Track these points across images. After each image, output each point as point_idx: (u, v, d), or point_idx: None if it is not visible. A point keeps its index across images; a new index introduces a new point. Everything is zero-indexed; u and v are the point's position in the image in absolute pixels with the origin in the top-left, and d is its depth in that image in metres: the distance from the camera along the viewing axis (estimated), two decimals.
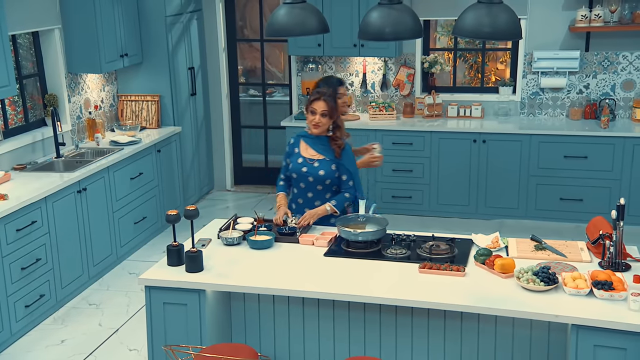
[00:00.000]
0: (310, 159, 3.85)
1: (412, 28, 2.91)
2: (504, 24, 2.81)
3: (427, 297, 3.11)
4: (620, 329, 2.82)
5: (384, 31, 2.90)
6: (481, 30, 2.83)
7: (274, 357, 3.52)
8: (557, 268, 3.22)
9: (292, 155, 3.90)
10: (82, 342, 4.32)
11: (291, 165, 3.87)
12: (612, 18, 5.79)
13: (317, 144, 3.86)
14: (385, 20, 2.91)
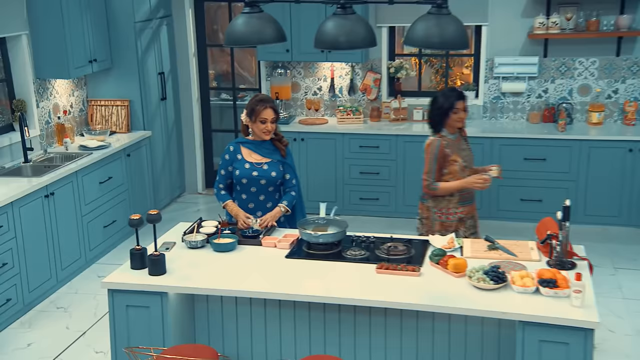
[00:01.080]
0: (257, 163, 3.96)
1: (365, 37, 3.00)
2: (452, 34, 2.90)
3: (384, 297, 3.19)
4: (563, 325, 2.94)
5: (338, 40, 2.98)
6: (430, 41, 2.92)
7: (237, 357, 3.58)
8: (507, 267, 3.33)
9: (235, 162, 3.97)
10: (48, 345, 4.33)
11: (238, 172, 3.94)
12: (568, 25, 5.94)
13: (261, 148, 3.98)
14: (339, 30, 2.99)
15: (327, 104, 6.76)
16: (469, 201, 4.15)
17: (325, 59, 6.41)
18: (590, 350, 2.95)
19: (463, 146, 4.13)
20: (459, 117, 4.00)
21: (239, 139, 4.07)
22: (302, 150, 6.42)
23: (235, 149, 4.00)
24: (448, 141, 4.02)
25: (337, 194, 6.45)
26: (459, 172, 4.02)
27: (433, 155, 4.00)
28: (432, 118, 4.08)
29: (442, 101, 3.98)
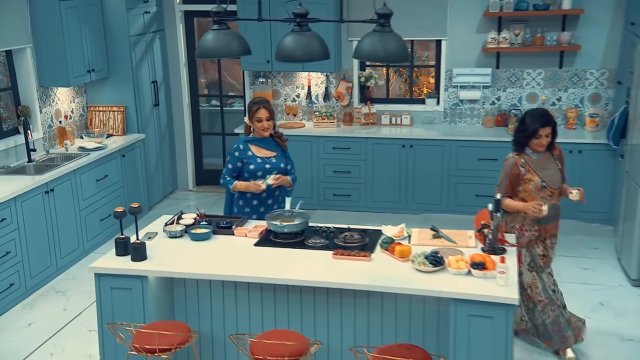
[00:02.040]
0: (267, 157, 4.16)
1: (319, 51, 3.15)
2: (394, 49, 3.06)
3: (339, 279, 3.35)
4: (489, 301, 3.11)
5: (295, 54, 3.14)
6: (376, 55, 3.08)
7: (210, 333, 3.72)
8: (445, 253, 3.49)
9: (247, 158, 4.14)
10: (47, 324, 4.47)
11: (254, 166, 4.12)
12: (516, 40, 6.11)
13: (266, 145, 4.19)
14: (296, 45, 3.15)
15: (304, 109, 6.90)
16: (546, 221, 3.80)
17: (302, 69, 6.55)
18: (510, 323, 3.13)
19: (548, 166, 3.78)
20: (540, 143, 3.69)
21: (246, 138, 4.23)
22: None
23: (245, 147, 4.16)
24: (527, 160, 3.75)
25: (313, 190, 6.59)
26: (534, 191, 3.73)
27: (505, 171, 3.80)
28: (515, 137, 3.79)
29: (528, 123, 3.69)
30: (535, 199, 3.72)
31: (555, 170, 3.79)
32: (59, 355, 4.14)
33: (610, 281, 4.94)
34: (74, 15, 5.65)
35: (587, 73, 6.17)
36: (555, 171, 3.79)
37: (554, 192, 3.79)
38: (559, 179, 3.81)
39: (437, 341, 3.44)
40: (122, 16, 6.12)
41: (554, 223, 3.88)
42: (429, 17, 6.36)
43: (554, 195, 3.80)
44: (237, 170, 4.17)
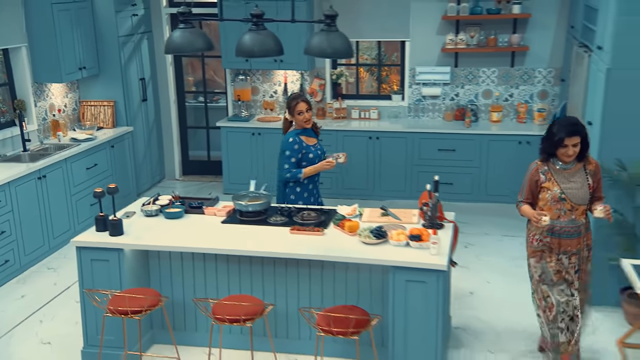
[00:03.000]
0: (315, 145, 4.40)
1: (273, 48, 3.37)
2: (340, 46, 3.29)
3: (295, 251, 3.57)
4: (423, 268, 3.34)
5: (253, 50, 3.35)
6: (323, 51, 3.30)
7: (182, 299, 3.93)
8: (389, 228, 3.72)
9: (304, 148, 4.29)
10: (38, 296, 4.68)
11: (312, 155, 4.32)
12: (472, 42, 6.34)
13: (310, 134, 4.40)
14: (254, 42, 3.36)
15: (281, 104, 7.10)
16: (561, 235, 3.41)
17: (278, 67, 6.74)
18: (442, 287, 3.37)
19: (575, 179, 3.36)
20: (566, 153, 3.31)
21: (295, 131, 4.33)
22: (260, 143, 6.76)
23: (300, 140, 4.30)
24: (551, 168, 3.39)
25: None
26: (550, 201, 3.37)
27: (526, 177, 3.50)
28: (542, 144, 3.43)
29: (554, 132, 3.32)
30: (551, 210, 3.36)
31: (583, 184, 3.35)
32: (48, 322, 4.35)
33: None
34: (66, 17, 5.83)
35: (535, 71, 6.41)
36: (581, 185, 3.35)
37: (576, 207, 3.36)
38: (584, 195, 3.35)
39: (382, 304, 3.67)
40: (111, 18, 6.31)
41: (573, 239, 3.40)
42: (394, 20, 6.58)
43: (576, 210, 3.36)
44: (298, 162, 4.29)
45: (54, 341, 4.11)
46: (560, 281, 3.45)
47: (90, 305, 3.65)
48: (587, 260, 3.53)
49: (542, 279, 3.49)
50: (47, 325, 4.31)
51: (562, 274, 3.45)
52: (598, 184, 3.41)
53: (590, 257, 3.54)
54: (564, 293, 3.44)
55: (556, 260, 3.45)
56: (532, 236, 3.52)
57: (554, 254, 3.45)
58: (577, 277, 3.46)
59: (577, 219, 3.38)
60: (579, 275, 3.48)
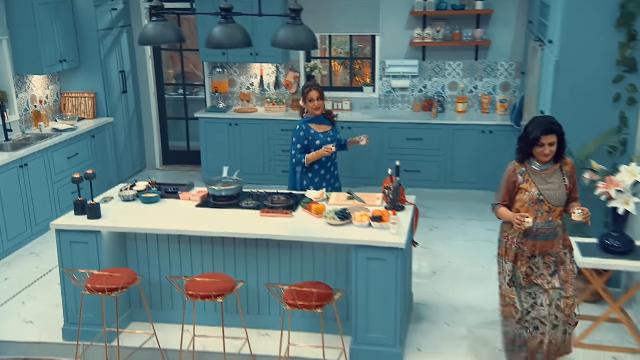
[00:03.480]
0: (326, 132, 4.45)
1: (242, 40, 3.47)
2: (304, 39, 3.39)
3: (264, 232, 3.70)
4: (383, 246, 3.50)
5: (222, 42, 3.45)
6: (288, 44, 3.40)
7: (158, 279, 4.04)
8: (354, 210, 3.86)
9: (312, 135, 4.39)
10: (21, 279, 4.74)
11: (319, 142, 4.39)
12: (438, 36, 6.48)
13: (322, 122, 4.47)
14: (223, 35, 3.46)
15: (257, 96, 7.19)
16: (537, 237, 3.25)
17: (254, 60, 6.83)
18: (400, 264, 3.52)
19: (552, 180, 3.23)
20: (543, 152, 3.17)
21: (305, 119, 4.46)
22: (237, 133, 6.85)
23: (307, 127, 4.40)
24: (529, 169, 3.25)
25: (265, 167, 6.89)
26: (528, 203, 3.22)
27: (503, 178, 3.35)
28: (518, 144, 3.29)
29: (530, 130, 3.18)
30: (529, 212, 3.22)
31: (560, 185, 3.22)
32: (31, 303, 4.43)
33: None
34: (46, 11, 5.85)
35: (498, 65, 6.58)
36: (559, 186, 3.22)
37: (553, 209, 3.22)
38: (562, 196, 3.23)
39: (346, 281, 3.82)
40: (91, 12, 6.33)
41: (549, 241, 3.26)
42: (365, 15, 6.69)
43: (553, 212, 3.23)
44: (304, 148, 4.40)
45: (36, 320, 4.19)
46: (528, 285, 3.30)
47: (70, 284, 3.74)
48: (570, 261, 3.34)
49: (513, 282, 3.34)
50: (29, 306, 4.39)
51: (531, 279, 3.29)
52: (574, 185, 3.28)
53: (573, 257, 3.37)
54: (530, 297, 3.28)
55: (527, 264, 3.29)
56: (510, 239, 3.31)
57: (525, 257, 3.29)
58: (555, 277, 3.28)
59: (554, 221, 3.24)
60: (558, 275, 3.29)
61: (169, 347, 3.81)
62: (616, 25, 3.94)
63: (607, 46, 4.01)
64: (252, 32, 6.49)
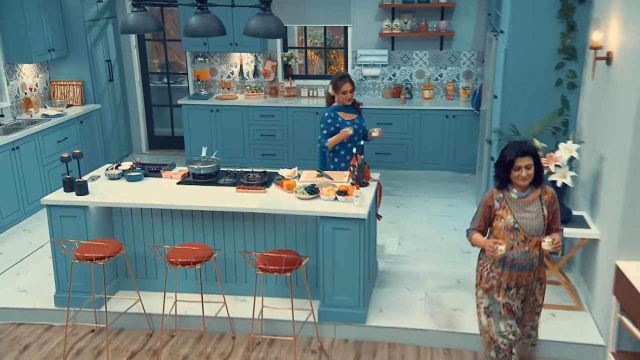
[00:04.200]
0: (352, 120, 4.51)
1: (216, 29, 3.63)
2: (273, 27, 3.56)
3: (239, 205, 3.88)
4: (347, 217, 3.71)
5: (198, 30, 3.60)
6: (257, 32, 3.57)
7: (143, 250, 4.21)
8: (322, 186, 4.06)
9: (339, 122, 4.44)
10: (15, 253, 4.88)
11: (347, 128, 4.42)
12: (406, 27, 6.67)
13: (349, 110, 4.53)
14: (199, 24, 3.61)
15: (237, 84, 7.33)
16: (513, 267, 3.01)
17: (234, 50, 6.96)
18: (363, 233, 3.73)
19: (530, 209, 2.98)
20: (520, 176, 2.93)
21: (333, 107, 4.52)
22: (218, 119, 6.99)
23: (335, 115, 4.46)
24: (506, 196, 3.00)
25: (245, 151, 7.05)
26: (503, 230, 2.99)
27: (480, 203, 3.11)
28: (495, 169, 3.04)
29: (505, 154, 2.96)
30: (505, 240, 2.99)
31: (538, 214, 2.97)
32: (24, 275, 4.57)
33: (465, 213, 5.63)
34: (34, 2, 5.92)
35: (461, 54, 6.80)
36: (536, 215, 2.97)
37: (529, 238, 2.98)
38: (539, 226, 2.98)
39: (315, 249, 4.03)
40: (77, 4, 6.40)
41: (524, 272, 3.02)
42: (337, 7, 6.85)
43: (529, 241, 2.99)
44: (331, 134, 4.45)
45: (29, 289, 4.35)
46: (508, 315, 3.06)
47: (61, 254, 3.90)
48: (540, 292, 3.13)
49: (490, 311, 3.09)
50: (23, 277, 4.54)
51: (511, 308, 3.06)
52: (554, 215, 3.04)
53: (544, 289, 3.14)
54: (510, 330, 3.05)
55: (504, 295, 3.05)
56: (488, 267, 3.07)
57: (502, 289, 3.04)
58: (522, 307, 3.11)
59: (530, 251, 2.99)
60: (524, 305, 3.11)
61: (153, 312, 4.00)
62: (557, 17, 4.17)
63: (549, 36, 4.24)
64: (231, 24, 6.75)
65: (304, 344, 3.86)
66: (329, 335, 3.92)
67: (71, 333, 3.97)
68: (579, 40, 4.19)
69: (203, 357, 3.73)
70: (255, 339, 3.88)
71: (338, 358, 3.73)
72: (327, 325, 3.92)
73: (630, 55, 3.28)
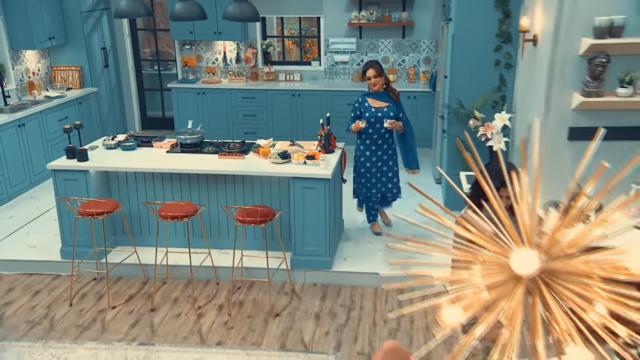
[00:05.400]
0: (380, 107, 4.34)
1: (198, 14, 3.88)
2: (248, 13, 3.83)
3: (221, 169, 4.16)
4: (314, 177, 4.01)
5: (182, 15, 3.85)
6: (235, 16, 3.83)
7: (137, 209, 4.47)
8: (293, 152, 4.35)
9: (364, 108, 4.34)
10: (24, 216, 5.11)
11: (368, 114, 4.31)
12: (372, 18, 6.94)
13: (381, 97, 4.36)
14: (182, 9, 3.86)
15: (221, 69, 7.54)
16: None
17: (217, 38, 7.16)
18: (328, 192, 4.04)
19: None
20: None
21: (365, 92, 4.40)
22: (204, 101, 7.21)
23: (362, 100, 4.36)
24: None
25: (228, 130, 7.28)
26: None
27: None
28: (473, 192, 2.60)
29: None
30: None
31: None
32: (33, 234, 4.82)
33: (424, 181, 5.96)
34: None
35: (421, 42, 7.10)
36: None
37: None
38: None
39: (288, 206, 4.34)
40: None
41: None
42: (309, 1, 7.08)
43: None
44: (357, 118, 4.36)
45: (38, 245, 4.60)
46: None
47: (65, 212, 4.15)
48: None
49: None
50: (32, 235, 4.78)
51: None
52: None
53: None
54: None
55: None
56: None
57: None
58: None
59: None
60: None
61: (147, 262, 4.28)
62: (495, 6, 4.49)
63: (489, 22, 4.56)
64: (215, 15, 6.95)
65: (278, 287, 4.18)
66: (300, 280, 4.25)
67: (76, 281, 4.24)
68: (513, 25, 4.51)
69: (191, 299, 4.03)
70: (236, 283, 4.19)
71: (307, 298, 4.06)
72: (298, 272, 4.24)
73: (547, 36, 3.62)
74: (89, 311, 3.89)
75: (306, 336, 3.64)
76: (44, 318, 3.82)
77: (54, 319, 3.81)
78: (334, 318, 3.82)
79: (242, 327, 3.72)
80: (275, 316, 3.83)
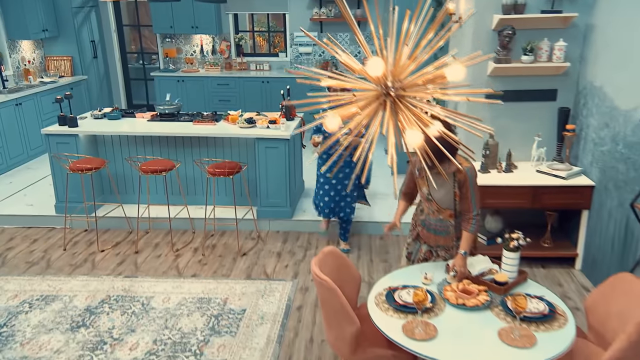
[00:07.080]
0: None
1: None
2: None
3: (194, 132, 4.36)
4: (275, 138, 4.25)
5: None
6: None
7: (122, 170, 4.64)
8: (259, 119, 4.58)
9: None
10: (22, 183, 5.21)
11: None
12: (330, 14, 7.20)
13: None
14: None
15: (199, 60, 7.69)
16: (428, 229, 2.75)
17: (195, 32, 7.31)
18: (287, 151, 4.27)
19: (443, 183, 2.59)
20: None
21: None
22: (184, 88, 7.34)
23: None
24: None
25: (206, 106, 7.38)
26: (422, 198, 2.72)
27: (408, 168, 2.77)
28: None
29: None
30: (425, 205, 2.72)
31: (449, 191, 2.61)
32: (31, 195, 4.94)
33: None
34: None
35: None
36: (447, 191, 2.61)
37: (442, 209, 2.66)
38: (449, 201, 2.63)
39: (255, 165, 4.56)
40: None
41: (440, 236, 2.73)
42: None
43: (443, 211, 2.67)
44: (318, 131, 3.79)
45: (35, 203, 4.73)
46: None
47: (59, 170, 4.31)
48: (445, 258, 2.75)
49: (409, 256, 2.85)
50: (29, 196, 4.90)
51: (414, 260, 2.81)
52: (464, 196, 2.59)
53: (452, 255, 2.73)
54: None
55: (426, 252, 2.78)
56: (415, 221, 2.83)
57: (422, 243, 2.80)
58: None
59: (444, 219, 2.69)
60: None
61: (130, 215, 4.46)
62: None
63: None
64: (194, 11, 7.11)
65: (246, 234, 4.42)
66: (265, 228, 4.49)
67: (69, 232, 4.40)
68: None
69: (170, 244, 4.24)
70: (209, 232, 4.41)
71: (271, 242, 4.31)
72: (263, 221, 4.49)
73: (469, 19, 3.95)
74: (80, 254, 4.07)
75: (268, 269, 3.89)
76: (41, 259, 3.98)
77: (50, 260, 3.98)
78: (293, 256, 4.08)
79: (214, 264, 3.95)
80: (243, 255, 4.07)
